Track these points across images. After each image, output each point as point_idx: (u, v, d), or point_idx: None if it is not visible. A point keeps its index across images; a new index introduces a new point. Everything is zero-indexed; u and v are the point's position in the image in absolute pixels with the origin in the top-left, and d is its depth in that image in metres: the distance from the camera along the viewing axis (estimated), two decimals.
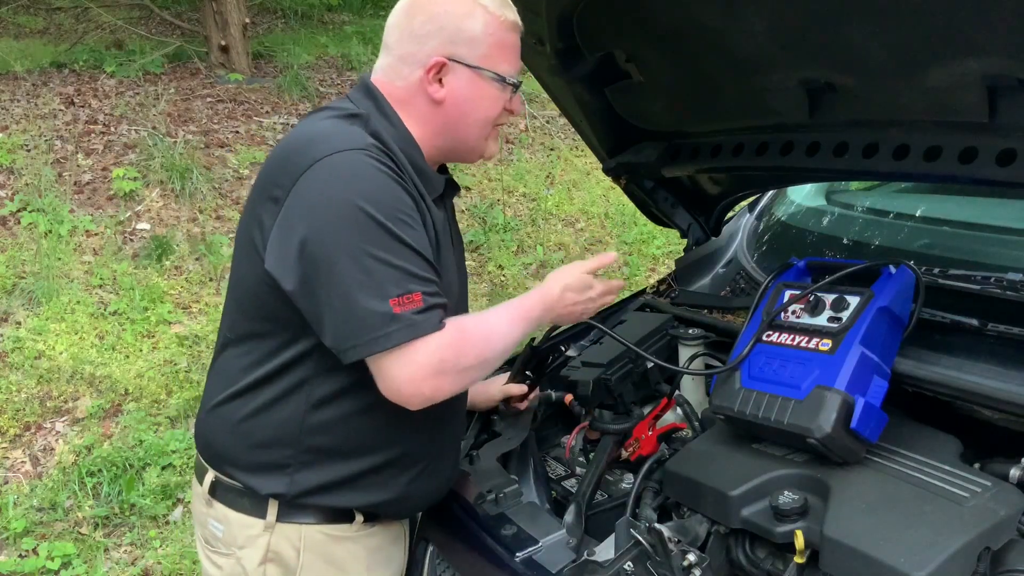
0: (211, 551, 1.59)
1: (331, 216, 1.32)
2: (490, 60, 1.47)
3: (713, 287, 2.25)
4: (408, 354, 1.32)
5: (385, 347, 1.30)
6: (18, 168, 4.99)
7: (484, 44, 1.45)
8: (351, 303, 1.30)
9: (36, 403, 3.71)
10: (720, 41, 1.64)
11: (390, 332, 1.30)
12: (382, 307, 1.29)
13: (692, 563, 1.31)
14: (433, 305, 1.34)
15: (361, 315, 1.30)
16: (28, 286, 4.25)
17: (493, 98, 1.49)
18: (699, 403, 1.86)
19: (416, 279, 1.33)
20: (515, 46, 1.51)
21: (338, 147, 1.36)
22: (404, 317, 1.30)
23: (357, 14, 9.27)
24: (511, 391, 1.96)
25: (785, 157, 1.77)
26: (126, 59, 6.62)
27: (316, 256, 1.32)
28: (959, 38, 1.30)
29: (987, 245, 1.84)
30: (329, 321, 1.33)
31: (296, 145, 1.43)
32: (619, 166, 2.17)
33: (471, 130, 1.51)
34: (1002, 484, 1.26)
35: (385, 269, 1.30)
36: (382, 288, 1.30)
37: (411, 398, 1.36)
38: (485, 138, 1.54)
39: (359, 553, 1.55)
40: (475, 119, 1.50)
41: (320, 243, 1.32)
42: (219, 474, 1.54)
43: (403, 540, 1.68)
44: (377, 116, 1.46)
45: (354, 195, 1.32)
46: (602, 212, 6.23)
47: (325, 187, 1.34)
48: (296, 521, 1.50)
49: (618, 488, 1.80)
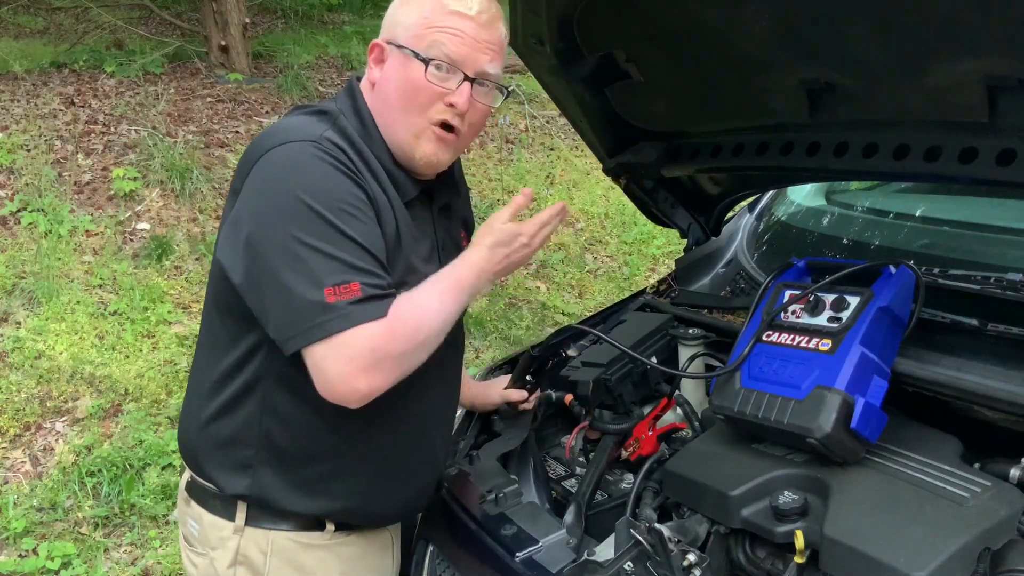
0: (189, 549, 1.60)
1: (271, 206, 1.32)
2: (417, 40, 1.40)
3: (713, 287, 2.24)
4: (340, 346, 1.27)
5: (318, 337, 1.27)
6: (18, 168, 4.99)
7: (417, 26, 1.41)
8: (287, 293, 1.28)
9: (36, 403, 3.71)
10: (720, 41, 1.64)
11: (323, 322, 1.27)
12: (316, 296, 1.27)
13: (692, 563, 1.31)
14: (373, 296, 1.30)
15: (296, 305, 1.28)
16: (28, 286, 4.25)
17: (416, 81, 1.40)
18: (699, 403, 1.86)
19: (355, 270, 1.29)
20: (456, 31, 1.40)
21: (288, 138, 1.36)
22: (338, 307, 1.26)
23: (357, 14, 9.27)
24: (511, 396, 1.96)
25: (785, 157, 1.77)
26: (126, 59, 6.61)
27: (256, 246, 1.32)
28: (959, 38, 1.30)
29: (987, 245, 1.84)
30: (270, 312, 1.32)
31: (257, 140, 1.43)
32: (619, 166, 2.17)
33: (396, 117, 1.43)
34: (1002, 484, 1.26)
35: (321, 258, 1.28)
36: (317, 277, 1.27)
37: (346, 395, 1.31)
38: (416, 134, 1.43)
39: (331, 561, 1.52)
40: (399, 103, 1.42)
41: (260, 233, 1.32)
42: (193, 473, 1.54)
43: (391, 549, 1.64)
44: (351, 115, 1.45)
45: (293, 185, 1.31)
46: (602, 212, 6.23)
47: (267, 177, 1.34)
48: (264, 526, 1.48)
49: (618, 488, 1.80)
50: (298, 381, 1.39)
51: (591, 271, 5.61)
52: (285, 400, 1.43)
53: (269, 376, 1.42)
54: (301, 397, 1.41)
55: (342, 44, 7.98)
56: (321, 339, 1.27)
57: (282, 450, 1.45)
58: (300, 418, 1.44)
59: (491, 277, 1.45)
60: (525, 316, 4.96)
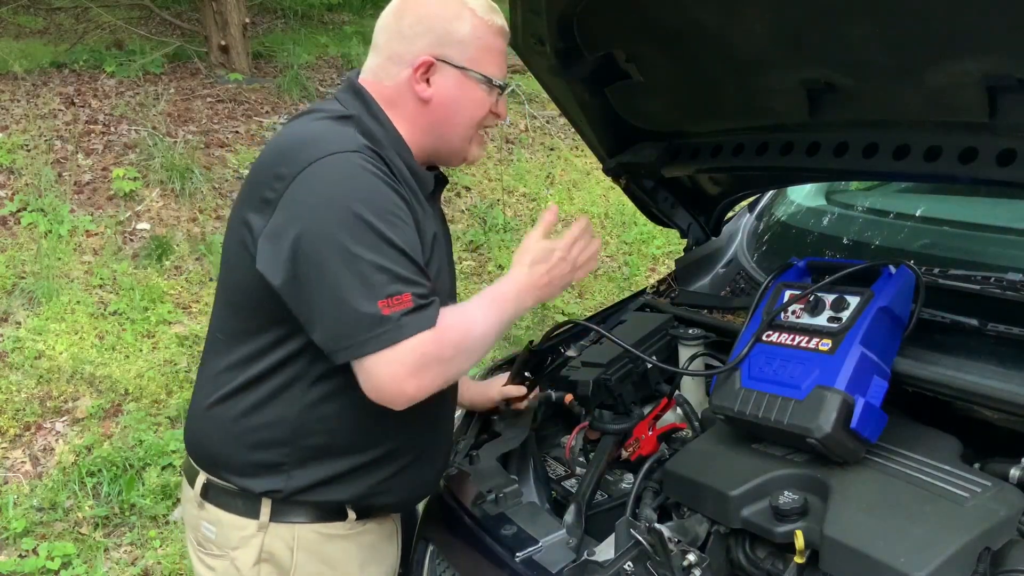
0: (203, 553, 1.59)
1: (325, 218, 1.33)
2: (477, 62, 1.50)
3: (713, 287, 2.24)
4: (391, 354, 1.31)
5: (375, 349, 1.31)
6: (18, 168, 4.99)
7: (472, 46, 1.48)
8: (341, 305, 1.31)
9: (36, 403, 3.71)
10: (720, 41, 1.64)
11: (379, 334, 1.30)
12: (371, 309, 1.30)
13: (692, 563, 1.31)
14: (422, 305, 1.34)
15: (351, 317, 1.30)
16: (28, 286, 4.25)
17: (479, 99, 1.52)
18: (699, 403, 1.86)
19: (405, 281, 1.33)
20: (501, 50, 1.54)
21: (332, 149, 1.37)
22: (393, 319, 1.30)
23: (357, 14, 9.27)
24: (510, 392, 1.96)
25: (785, 157, 1.77)
26: (126, 59, 6.61)
27: (308, 257, 1.33)
28: (959, 38, 1.30)
29: (987, 245, 1.84)
30: (320, 322, 1.34)
31: (288, 147, 1.43)
32: (619, 166, 2.17)
33: (456, 131, 1.53)
34: (1002, 484, 1.26)
35: (375, 271, 1.31)
36: (372, 290, 1.30)
37: (395, 397, 1.35)
38: (469, 140, 1.56)
39: (352, 551, 1.56)
40: (460, 120, 1.52)
41: (312, 244, 1.33)
42: (211, 476, 1.54)
43: (396, 537, 1.68)
44: (367, 117, 1.47)
45: (348, 197, 1.33)
46: (602, 212, 6.23)
47: (319, 189, 1.35)
48: (289, 520, 1.50)
49: (618, 488, 1.80)
50: (339, 383, 1.42)
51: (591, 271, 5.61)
52: (324, 400, 1.45)
53: (307, 378, 1.44)
54: (343, 396, 1.44)
55: (342, 44, 7.98)
56: (377, 351, 1.31)
57: (317, 447, 1.47)
58: (341, 415, 1.46)
59: (536, 293, 1.51)
60: (525, 316, 4.96)
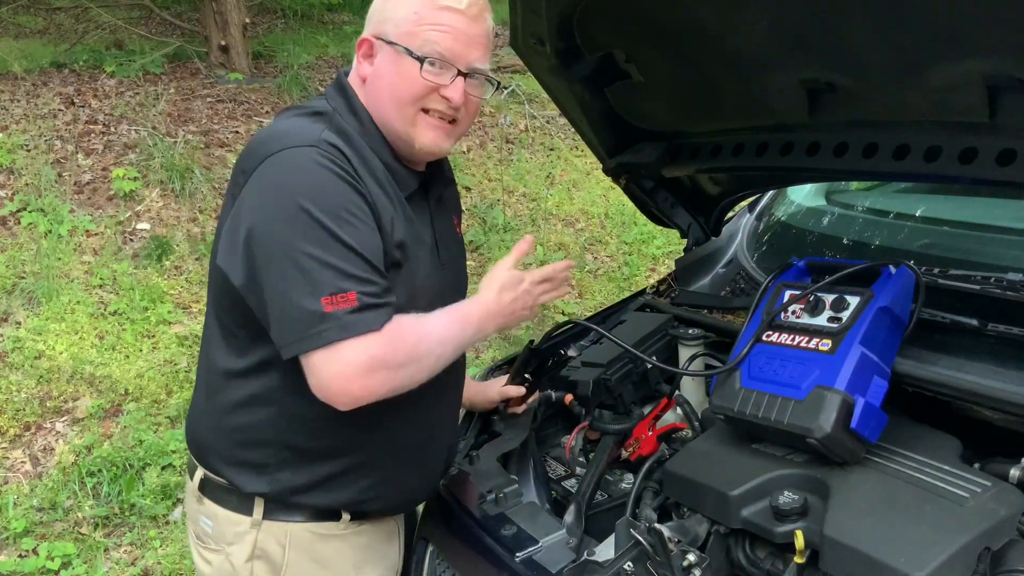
0: (202, 547, 1.60)
1: (272, 213, 1.33)
2: (408, 36, 1.43)
3: (713, 287, 2.24)
4: (337, 352, 1.30)
5: (315, 346, 1.30)
6: (18, 168, 4.99)
7: (407, 21, 1.43)
8: (286, 301, 1.31)
9: (36, 403, 3.71)
10: (720, 41, 1.64)
11: (320, 331, 1.29)
12: (313, 305, 1.29)
13: (692, 563, 1.31)
14: (371, 305, 1.32)
15: (294, 313, 1.30)
16: (28, 286, 4.25)
17: (409, 75, 1.43)
18: (699, 403, 1.86)
19: (352, 279, 1.31)
20: (450, 26, 1.43)
21: (289, 144, 1.37)
22: (335, 316, 1.29)
23: (357, 14, 9.26)
24: (509, 393, 1.96)
25: (785, 157, 1.77)
26: (126, 59, 6.61)
27: (256, 253, 1.33)
28: (959, 38, 1.30)
29: (987, 245, 1.84)
30: (271, 318, 1.34)
31: (254, 144, 1.44)
32: (619, 166, 2.17)
33: (389, 109, 1.46)
34: (1002, 484, 1.26)
35: (319, 268, 1.30)
36: (315, 286, 1.29)
37: (338, 396, 1.34)
38: (411, 123, 1.46)
39: (346, 551, 1.55)
40: (394, 96, 1.45)
41: (260, 240, 1.33)
42: (207, 471, 1.55)
43: (396, 537, 1.68)
44: (346, 113, 1.46)
45: (295, 192, 1.32)
46: (602, 212, 6.23)
47: (270, 184, 1.35)
48: (282, 519, 1.50)
49: (618, 488, 1.80)
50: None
51: (591, 271, 5.61)
52: (304, 402, 1.43)
53: (288, 379, 1.43)
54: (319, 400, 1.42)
55: (342, 44, 7.98)
56: (319, 347, 1.30)
57: (301, 450, 1.47)
58: (319, 419, 1.44)
59: (499, 320, 1.50)
60: None
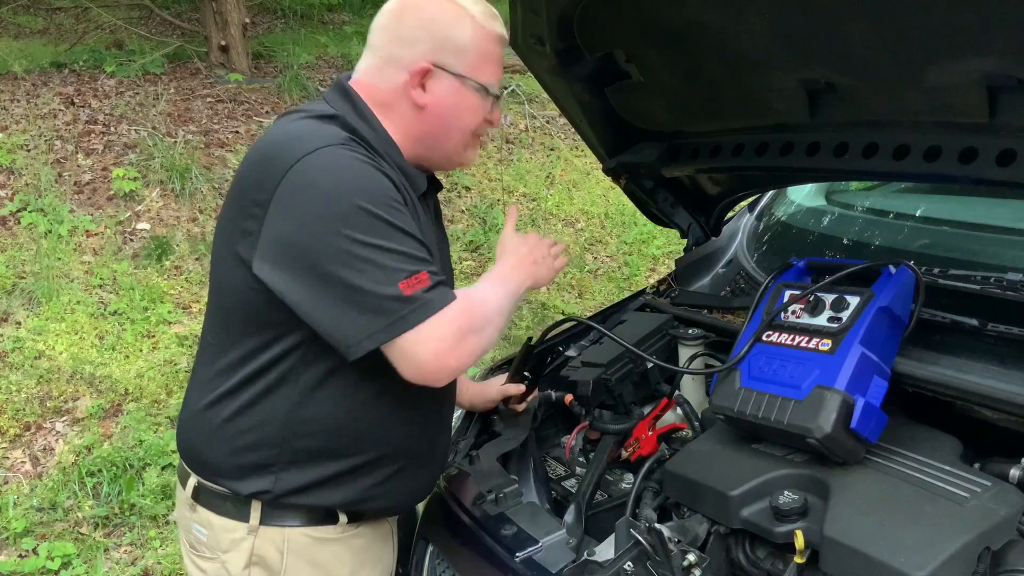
0: (196, 556, 1.58)
1: (322, 215, 1.31)
2: (475, 70, 1.48)
3: (713, 287, 2.25)
4: (427, 331, 1.32)
5: (404, 330, 1.30)
6: (18, 168, 4.99)
7: (471, 53, 1.47)
8: (361, 295, 1.30)
9: (36, 403, 3.71)
10: (720, 41, 1.64)
11: (405, 314, 1.30)
12: (393, 291, 1.30)
13: (692, 563, 1.31)
14: (440, 280, 1.36)
15: (374, 304, 1.30)
16: (28, 286, 4.25)
17: (475, 108, 1.51)
18: (699, 403, 1.86)
19: (419, 260, 1.34)
20: (499, 59, 1.52)
21: (316, 144, 1.35)
22: (416, 297, 1.31)
23: (357, 14, 9.27)
24: (509, 391, 1.96)
25: (785, 157, 1.77)
26: (126, 59, 6.61)
27: (315, 257, 1.31)
28: (959, 38, 1.30)
29: (987, 245, 1.85)
30: (337, 319, 1.32)
31: (271, 148, 1.41)
32: (619, 166, 2.17)
33: (451, 138, 1.52)
34: (1002, 484, 1.26)
35: (387, 255, 1.31)
36: (389, 274, 1.30)
37: (438, 373, 1.36)
38: (464, 147, 1.55)
39: (344, 555, 1.54)
40: (456, 127, 1.51)
41: (318, 244, 1.31)
42: (202, 479, 1.53)
43: (391, 539, 1.67)
44: (354, 116, 1.45)
45: (343, 191, 1.32)
46: (602, 212, 6.23)
47: (313, 187, 1.33)
48: (279, 524, 1.49)
49: (618, 488, 1.80)
50: (330, 385, 1.42)
51: (591, 271, 5.61)
52: (314, 402, 1.43)
53: (298, 380, 1.42)
54: (331, 400, 1.43)
55: (342, 44, 7.98)
56: (407, 331, 1.31)
57: (307, 450, 1.46)
58: (328, 419, 1.44)
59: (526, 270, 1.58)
60: (525, 316, 4.96)
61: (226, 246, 1.44)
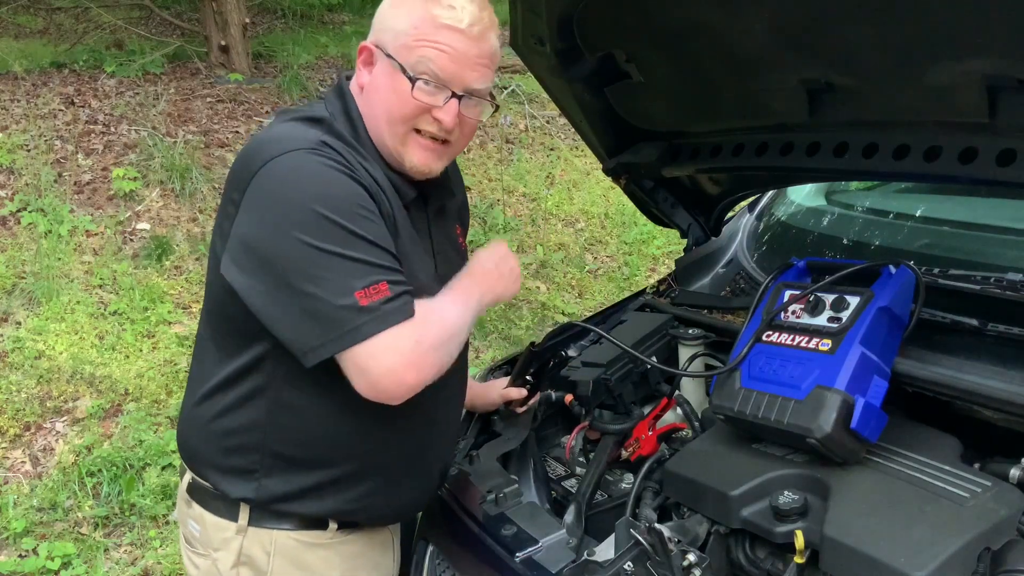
0: (190, 551, 1.59)
1: (283, 219, 1.30)
2: (406, 52, 1.38)
3: (713, 287, 2.24)
4: (381, 344, 1.28)
5: (356, 340, 1.27)
6: (18, 168, 4.99)
7: (407, 36, 1.38)
8: (316, 303, 1.27)
9: (36, 403, 3.71)
10: (720, 41, 1.64)
11: (359, 325, 1.27)
12: (348, 301, 1.26)
13: (692, 563, 1.31)
14: (401, 292, 1.32)
15: (327, 313, 1.27)
16: (28, 286, 4.25)
17: (401, 92, 1.38)
18: (699, 403, 1.86)
19: (380, 269, 1.30)
20: (446, 47, 1.37)
21: (285, 148, 1.34)
22: (373, 308, 1.27)
23: (357, 14, 9.27)
24: (511, 395, 1.95)
25: (785, 157, 1.77)
26: (126, 59, 6.62)
27: (272, 261, 1.30)
28: (959, 38, 1.30)
29: (987, 245, 1.84)
30: (292, 324, 1.30)
31: (252, 149, 1.40)
32: (619, 166, 2.17)
33: (380, 124, 1.43)
34: (1002, 484, 1.26)
35: (345, 263, 1.28)
36: (345, 283, 1.27)
37: (393, 389, 1.31)
38: (402, 141, 1.42)
39: (334, 560, 1.52)
40: (384, 111, 1.41)
41: (276, 248, 1.30)
42: (195, 475, 1.54)
43: (391, 546, 1.65)
44: (342, 119, 1.43)
45: (303, 196, 1.30)
46: (602, 212, 6.22)
47: (275, 190, 1.32)
48: (268, 526, 1.48)
49: (618, 488, 1.80)
50: (305, 393, 1.40)
51: (591, 271, 5.61)
52: (289, 409, 1.43)
53: (274, 385, 1.42)
54: (307, 408, 1.42)
55: (342, 44, 7.98)
56: (360, 342, 1.27)
57: (287, 457, 1.45)
58: (305, 426, 1.43)
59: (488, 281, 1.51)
60: (525, 316, 4.96)
61: (212, 244, 1.45)
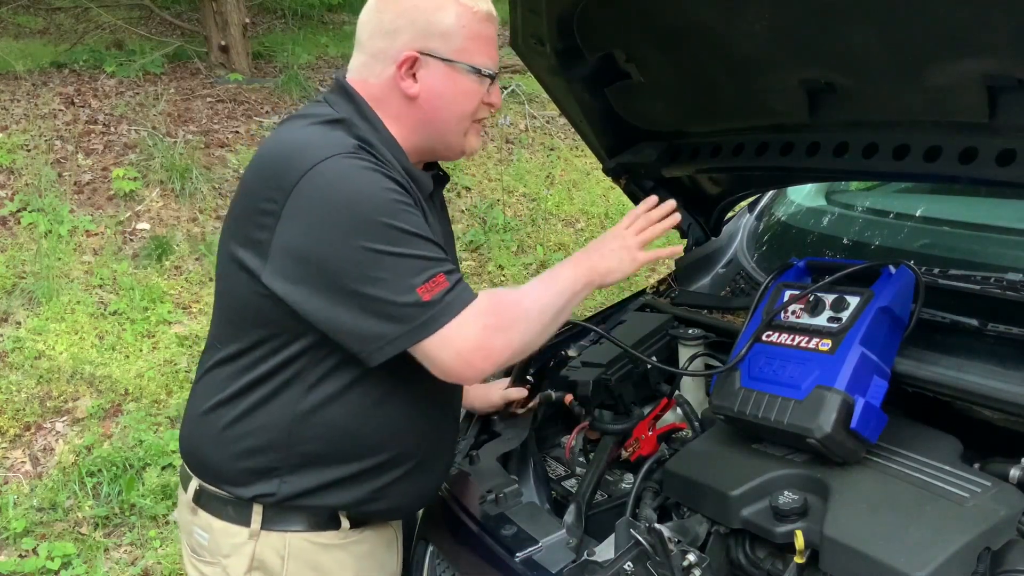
0: (197, 560, 1.57)
1: (334, 226, 1.31)
2: (464, 53, 1.44)
3: (713, 287, 2.24)
4: (449, 334, 1.32)
5: (426, 335, 1.31)
6: (18, 168, 4.99)
7: (458, 36, 1.42)
8: (380, 304, 1.30)
9: (36, 403, 3.71)
10: (720, 41, 1.64)
11: (426, 320, 1.31)
12: (411, 298, 1.30)
13: (692, 563, 1.31)
14: (458, 281, 1.35)
15: (393, 312, 1.30)
16: (28, 286, 4.25)
17: (469, 91, 1.46)
18: (699, 403, 1.86)
19: (434, 261, 1.33)
20: (490, 37, 1.47)
21: (325, 153, 1.34)
22: (436, 301, 1.31)
23: (357, 14, 9.25)
24: (512, 396, 1.95)
25: (785, 157, 1.77)
26: (126, 59, 6.62)
27: (329, 268, 1.31)
28: (959, 38, 1.30)
29: (987, 245, 1.85)
30: (356, 327, 1.32)
31: (279, 156, 1.40)
32: (619, 166, 2.17)
33: (448, 125, 1.48)
34: (1002, 484, 1.26)
35: (403, 262, 1.31)
36: (406, 281, 1.30)
37: (466, 372, 1.36)
38: (464, 133, 1.50)
39: (346, 561, 1.53)
40: (452, 113, 1.47)
41: (332, 255, 1.31)
42: (204, 482, 1.53)
43: (396, 545, 1.66)
44: (359, 120, 1.44)
45: (354, 201, 1.31)
46: (602, 212, 6.22)
47: (324, 198, 1.32)
48: (281, 529, 1.48)
49: (618, 488, 1.80)
50: (336, 389, 1.41)
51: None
52: (320, 407, 1.43)
53: (303, 384, 1.42)
54: (337, 404, 1.42)
55: (342, 44, 7.98)
56: (428, 335, 1.31)
57: (313, 454, 1.45)
58: (334, 424, 1.44)
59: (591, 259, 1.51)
60: None
61: (232, 253, 1.42)
